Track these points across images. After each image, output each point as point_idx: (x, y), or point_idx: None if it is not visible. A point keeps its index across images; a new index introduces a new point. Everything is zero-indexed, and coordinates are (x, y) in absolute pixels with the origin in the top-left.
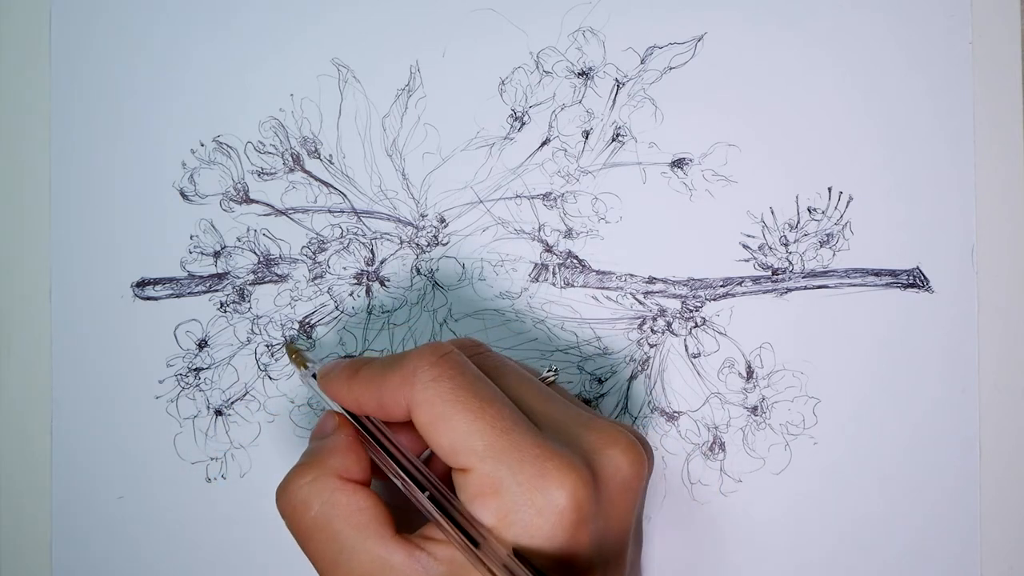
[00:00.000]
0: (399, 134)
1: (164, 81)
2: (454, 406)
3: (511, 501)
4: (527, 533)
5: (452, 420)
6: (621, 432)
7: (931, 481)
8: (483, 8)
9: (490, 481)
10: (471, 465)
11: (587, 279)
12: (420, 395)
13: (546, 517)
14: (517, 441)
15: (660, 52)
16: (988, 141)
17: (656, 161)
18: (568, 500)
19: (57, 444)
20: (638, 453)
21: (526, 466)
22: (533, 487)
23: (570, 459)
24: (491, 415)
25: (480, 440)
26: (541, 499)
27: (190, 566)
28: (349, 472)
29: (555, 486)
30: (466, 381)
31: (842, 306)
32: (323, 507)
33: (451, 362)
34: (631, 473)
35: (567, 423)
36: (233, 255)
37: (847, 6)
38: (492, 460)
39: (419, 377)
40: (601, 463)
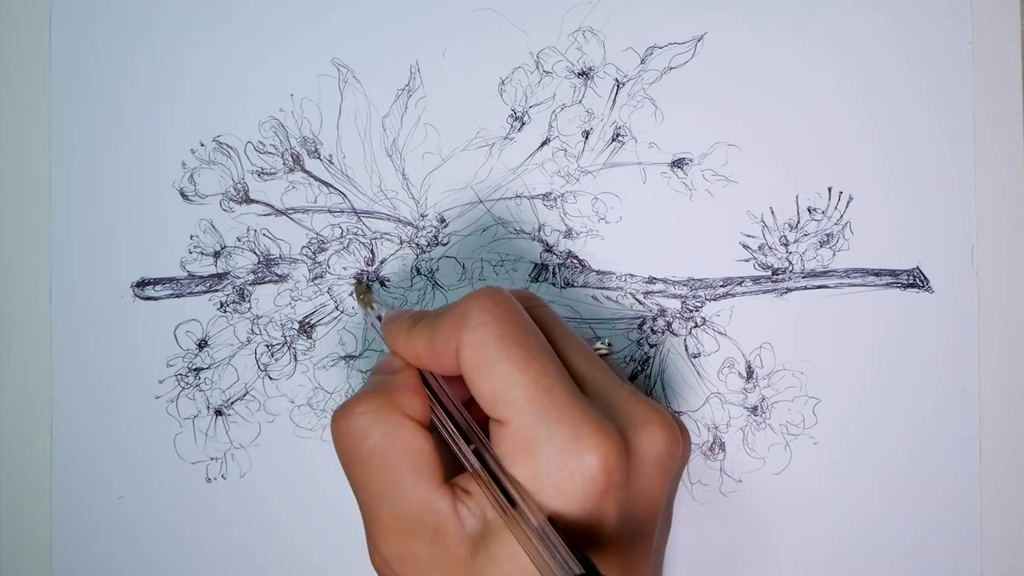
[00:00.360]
0: (399, 134)
1: (164, 81)
2: (500, 352)
3: (544, 460)
4: (557, 494)
5: (496, 367)
6: (661, 411)
7: (931, 481)
8: (483, 8)
9: (525, 437)
10: (508, 417)
11: (587, 279)
12: (468, 337)
13: (576, 481)
14: (557, 399)
15: (660, 52)
16: (988, 141)
17: (656, 161)
18: (600, 465)
19: (57, 444)
20: (675, 433)
21: (563, 426)
22: (567, 449)
23: (606, 426)
24: (535, 369)
25: (521, 393)
26: (574, 462)
27: (190, 566)
28: (415, 411)
29: (589, 450)
30: (516, 330)
31: (842, 306)
32: (383, 438)
33: (504, 308)
34: (665, 451)
35: (610, 392)
36: (233, 255)
37: (847, 6)
38: (530, 416)
39: (470, 319)
40: (638, 436)
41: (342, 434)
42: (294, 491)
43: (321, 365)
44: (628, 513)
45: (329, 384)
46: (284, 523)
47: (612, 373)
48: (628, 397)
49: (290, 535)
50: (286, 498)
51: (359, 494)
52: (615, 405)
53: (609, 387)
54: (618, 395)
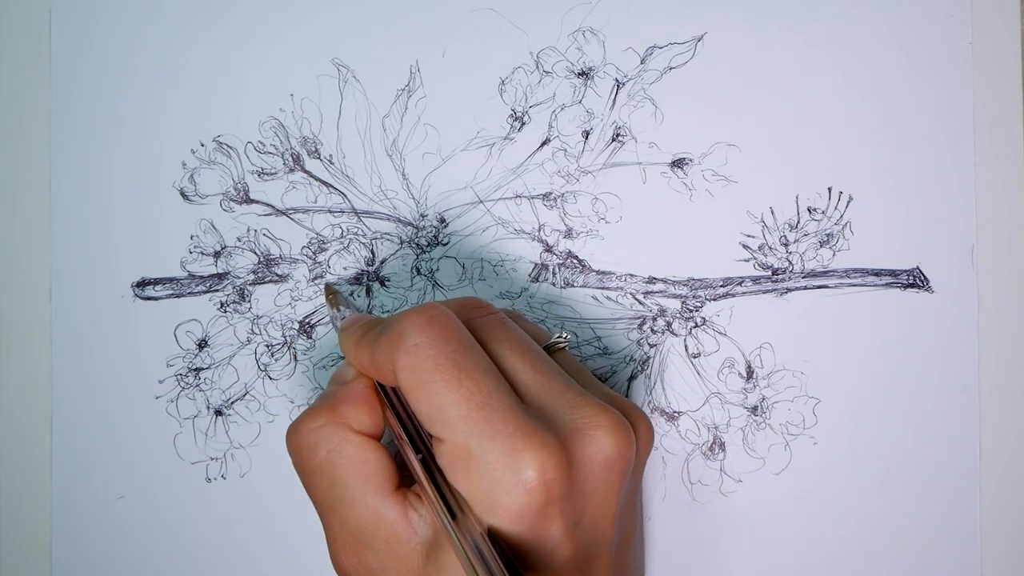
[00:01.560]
0: (399, 134)
1: (164, 81)
2: (433, 374)
3: (479, 477)
4: (494, 511)
5: (429, 387)
6: (608, 412)
7: (931, 481)
8: (483, 8)
9: (461, 453)
10: (444, 435)
11: (587, 279)
12: (402, 359)
13: (513, 497)
14: (491, 416)
15: (660, 52)
16: (988, 141)
17: (656, 161)
18: (537, 479)
19: (57, 444)
20: (624, 434)
21: (496, 443)
22: (502, 464)
23: (543, 437)
24: (468, 387)
25: (454, 410)
26: (509, 478)
27: (190, 566)
28: (361, 424)
29: (524, 465)
30: (449, 348)
31: (842, 306)
32: (329, 454)
33: (437, 326)
34: (614, 454)
35: (553, 399)
36: (233, 255)
37: (847, 6)
38: (464, 433)
39: (404, 340)
40: (581, 443)
41: (294, 451)
42: (294, 491)
43: (321, 365)
44: (577, 521)
45: None
46: (284, 523)
47: (559, 375)
48: (574, 402)
49: (290, 535)
50: (286, 498)
51: (317, 509)
52: (558, 412)
53: (552, 393)
54: (561, 401)
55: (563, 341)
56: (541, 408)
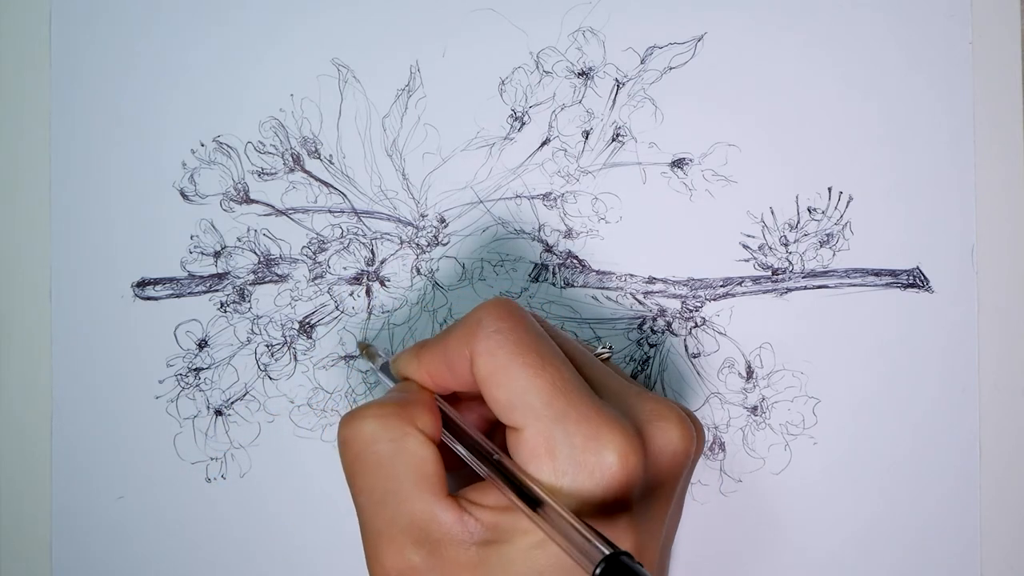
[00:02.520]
0: (399, 134)
1: (164, 81)
2: (515, 359)
3: (562, 460)
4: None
5: (511, 373)
6: (674, 407)
7: (931, 481)
8: (483, 8)
9: (544, 440)
10: (526, 423)
11: (587, 279)
12: (482, 344)
13: (596, 479)
14: (575, 402)
15: (660, 52)
16: (988, 141)
17: (656, 161)
18: (619, 463)
19: (57, 444)
20: (688, 429)
21: (581, 427)
22: (586, 448)
23: (623, 424)
24: (551, 373)
25: (537, 397)
26: (593, 460)
27: (190, 566)
28: (425, 425)
29: (608, 448)
30: (529, 336)
31: (842, 306)
32: (390, 446)
33: (516, 315)
34: (680, 447)
35: (622, 392)
36: (233, 255)
37: (847, 6)
38: (548, 419)
39: (483, 327)
40: (653, 433)
41: (349, 437)
42: (294, 491)
43: (321, 365)
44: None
45: (329, 384)
46: (284, 523)
47: (619, 376)
48: (641, 396)
49: (290, 535)
50: (286, 498)
51: (360, 499)
52: (629, 404)
53: (621, 388)
54: (630, 395)
55: (607, 352)
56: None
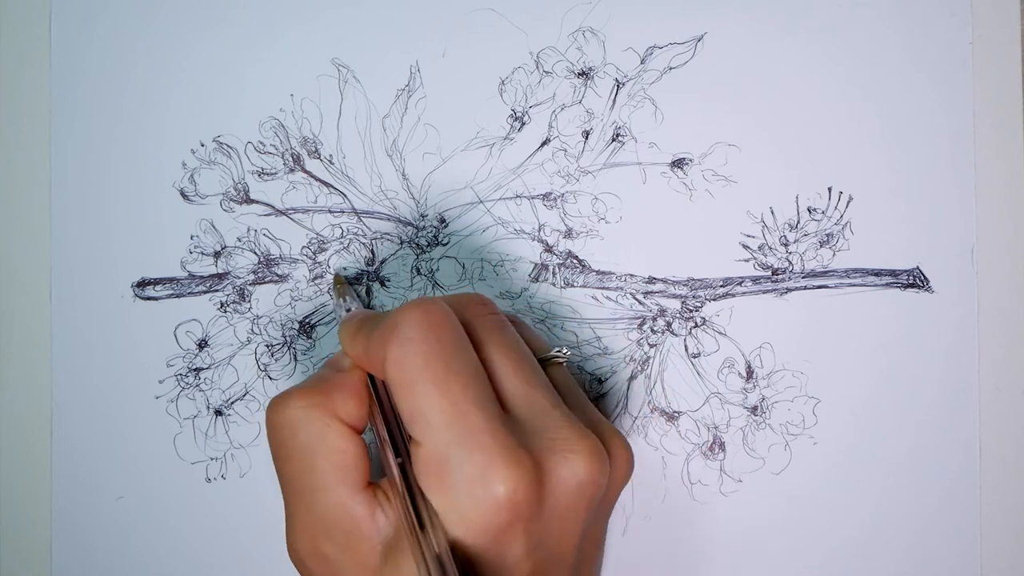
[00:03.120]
0: (399, 134)
1: (164, 81)
2: (422, 372)
3: (453, 486)
4: (462, 522)
5: (415, 387)
6: (587, 438)
7: (931, 481)
8: (483, 8)
9: (437, 460)
10: (423, 439)
11: (587, 279)
12: (393, 352)
13: (481, 511)
14: (472, 426)
15: (660, 52)
16: (988, 141)
17: (656, 161)
18: (507, 497)
19: (57, 444)
20: (599, 461)
21: (475, 454)
22: (476, 478)
23: (519, 455)
24: (455, 391)
25: (437, 415)
26: (480, 492)
27: (190, 566)
28: (348, 414)
29: (498, 481)
30: (441, 347)
31: (842, 306)
32: (310, 437)
33: (433, 323)
34: (586, 480)
35: (536, 414)
36: (233, 255)
37: (847, 6)
38: (443, 440)
39: (398, 333)
40: (556, 465)
41: (274, 425)
42: None
43: (321, 365)
44: (540, 542)
45: None
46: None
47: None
48: (557, 421)
49: None
50: None
51: (283, 487)
52: (540, 429)
53: (537, 409)
54: (545, 418)
55: (562, 356)
56: (522, 421)
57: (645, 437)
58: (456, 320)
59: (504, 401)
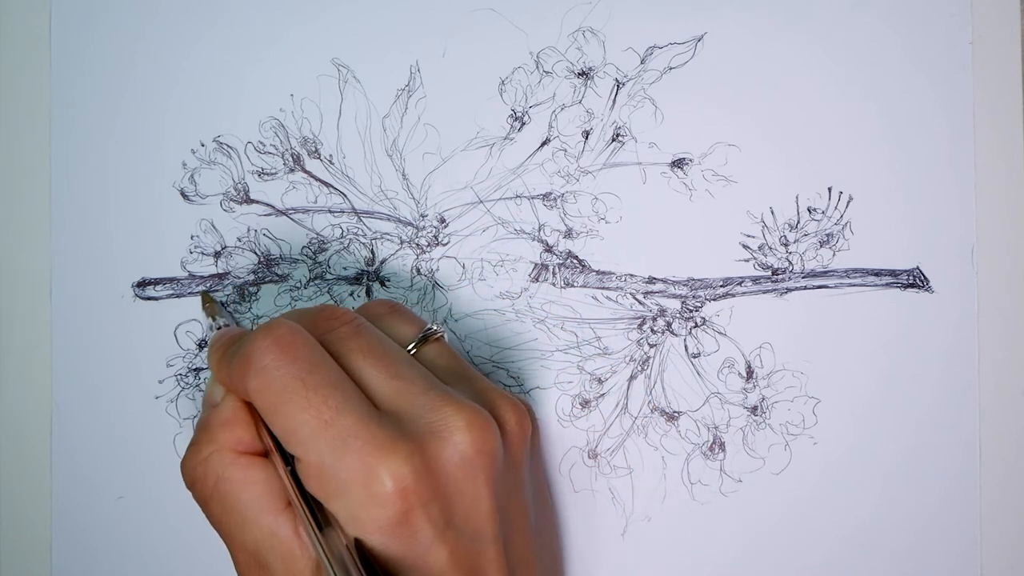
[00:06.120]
0: (399, 134)
1: (164, 81)
2: (281, 395)
3: (339, 492)
4: (357, 525)
5: (280, 409)
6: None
7: (931, 481)
8: (483, 8)
9: (317, 471)
10: (299, 454)
11: (587, 279)
12: (252, 383)
13: (371, 510)
14: (340, 432)
15: (660, 52)
16: (988, 141)
17: (656, 161)
18: (392, 489)
19: (57, 444)
20: (480, 430)
21: (348, 459)
22: (357, 479)
23: (395, 446)
24: (316, 404)
25: (306, 429)
26: (363, 492)
27: (190, 566)
28: (241, 443)
29: (378, 477)
30: (295, 368)
31: (842, 306)
32: (219, 482)
33: (284, 345)
34: (471, 451)
35: (409, 403)
36: (233, 255)
37: (847, 6)
38: (316, 451)
39: (253, 363)
40: (438, 446)
41: (188, 485)
42: None
43: None
44: (448, 523)
45: None
46: None
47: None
48: (431, 403)
49: None
50: None
51: (219, 533)
52: (414, 416)
53: (408, 398)
54: (418, 404)
55: (436, 332)
56: (397, 414)
57: (645, 437)
58: (307, 336)
59: (376, 401)
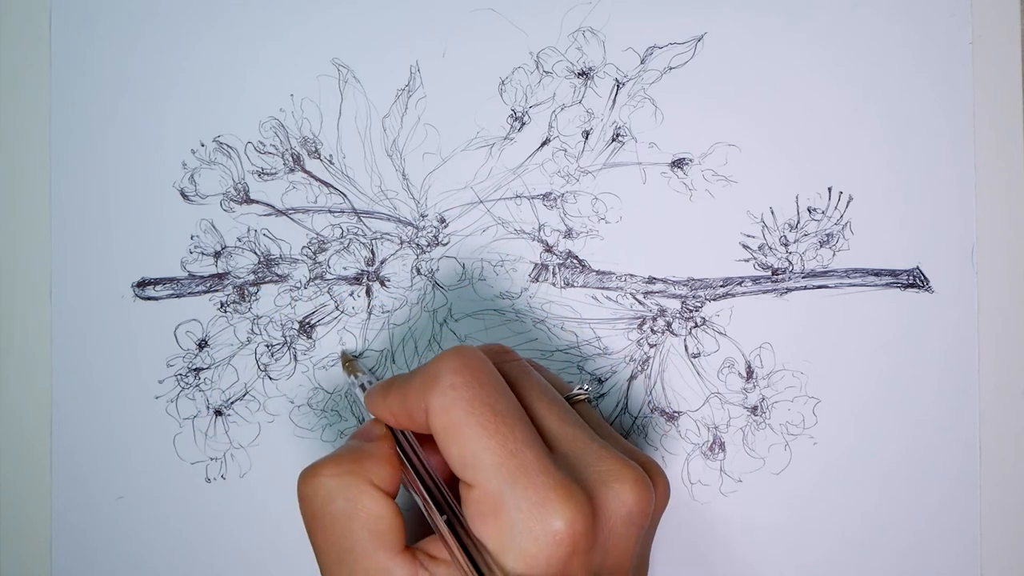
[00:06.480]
0: (399, 134)
1: (164, 81)
2: (468, 417)
3: (510, 524)
4: (521, 558)
5: (464, 431)
6: (631, 468)
7: (931, 481)
8: (483, 8)
9: (492, 500)
10: (476, 481)
11: (587, 279)
12: (437, 400)
13: (541, 546)
14: (525, 464)
15: (660, 52)
16: (988, 141)
17: (656, 161)
18: (566, 531)
19: (57, 444)
20: (646, 490)
21: (530, 491)
22: (533, 514)
23: (573, 489)
24: (503, 432)
25: (489, 457)
26: (539, 527)
27: (190, 566)
28: (381, 480)
29: (555, 516)
30: (484, 392)
31: (842, 306)
32: (346, 504)
33: (473, 369)
34: (636, 510)
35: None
36: (233, 255)
37: (847, 6)
38: (497, 480)
39: (440, 382)
40: (606, 496)
41: (307, 495)
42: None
43: (321, 365)
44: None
45: (329, 384)
46: (284, 523)
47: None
48: (599, 454)
49: (290, 535)
50: (286, 498)
51: (320, 558)
52: (585, 463)
53: (579, 444)
54: (588, 452)
55: (583, 393)
56: (567, 458)
57: (645, 437)
58: (492, 365)
59: (546, 441)
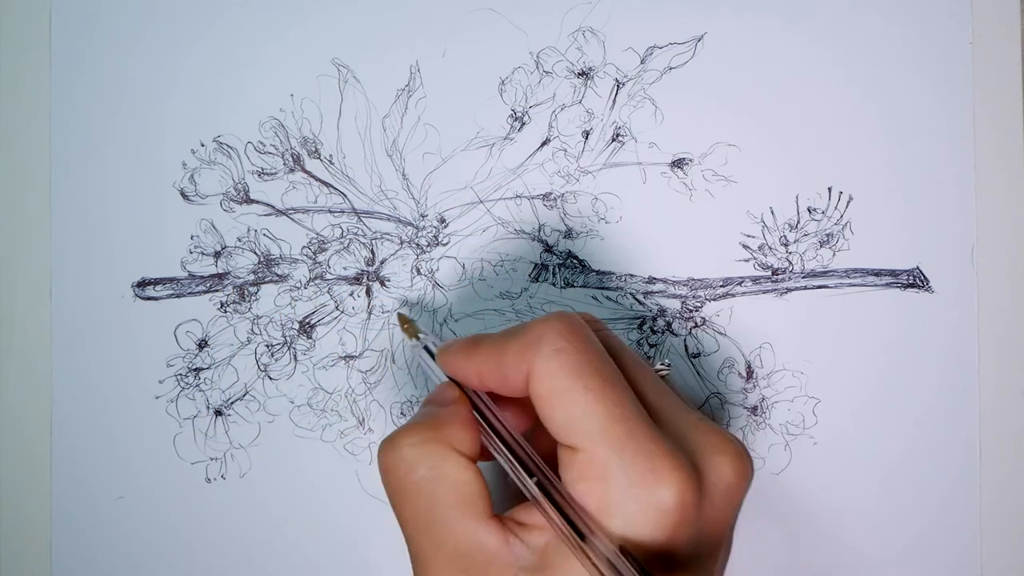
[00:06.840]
0: (399, 134)
1: (164, 81)
2: (576, 381)
3: (616, 491)
4: (627, 525)
5: (571, 396)
6: (730, 439)
7: (931, 481)
8: (483, 8)
9: (599, 466)
10: (583, 445)
11: (587, 279)
12: (542, 364)
13: (648, 514)
14: (633, 430)
15: (660, 52)
16: (988, 141)
17: (656, 161)
18: (674, 501)
19: (57, 444)
20: (744, 463)
21: (639, 458)
22: (641, 481)
23: (681, 459)
24: (611, 398)
25: (596, 422)
26: (647, 495)
27: (190, 566)
28: (463, 445)
29: (664, 484)
30: (590, 357)
31: (842, 306)
32: (430, 472)
33: (578, 334)
34: (735, 483)
35: (679, 420)
36: (233, 255)
37: (847, 6)
38: (605, 445)
39: (544, 345)
40: (708, 467)
41: (389, 466)
42: (294, 491)
43: (321, 365)
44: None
45: (329, 384)
46: (284, 523)
47: (678, 399)
48: (698, 425)
49: (290, 535)
50: (286, 498)
51: (406, 528)
52: (685, 434)
53: (678, 415)
54: (687, 423)
55: (666, 369)
56: (668, 426)
57: None
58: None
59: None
